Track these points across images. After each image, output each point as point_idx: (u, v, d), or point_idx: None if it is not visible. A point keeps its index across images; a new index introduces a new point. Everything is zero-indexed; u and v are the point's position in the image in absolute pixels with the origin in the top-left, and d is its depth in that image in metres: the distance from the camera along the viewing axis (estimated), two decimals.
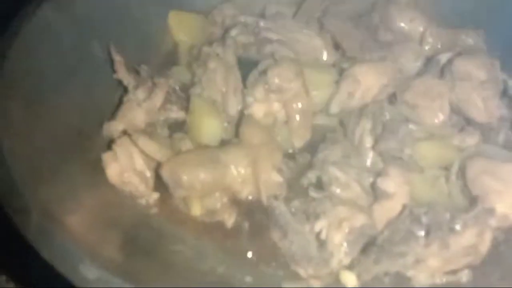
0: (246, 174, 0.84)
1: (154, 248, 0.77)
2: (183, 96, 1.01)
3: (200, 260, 0.78)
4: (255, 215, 0.84)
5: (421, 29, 1.11)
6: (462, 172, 0.85)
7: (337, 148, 0.90)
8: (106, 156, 0.85)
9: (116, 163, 0.84)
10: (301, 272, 0.78)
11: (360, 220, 0.78)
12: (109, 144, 0.88)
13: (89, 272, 0.55)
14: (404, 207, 0.81)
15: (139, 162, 0.84)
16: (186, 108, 0.98)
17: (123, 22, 1.07)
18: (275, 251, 0.80)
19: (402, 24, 1.11)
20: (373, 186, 0.85)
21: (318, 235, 0.79)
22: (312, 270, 0.77)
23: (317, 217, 0.80)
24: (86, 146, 0.88)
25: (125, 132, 0.90)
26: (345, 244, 0.78)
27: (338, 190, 0.83)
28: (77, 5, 0.98)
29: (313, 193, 0.84)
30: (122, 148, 0.85)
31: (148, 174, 0.85)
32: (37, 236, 0.60)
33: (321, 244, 0.79)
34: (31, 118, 0.81)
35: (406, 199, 0.82)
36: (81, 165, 0.84)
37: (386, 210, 0.81)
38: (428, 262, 0.76)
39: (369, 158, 0.88)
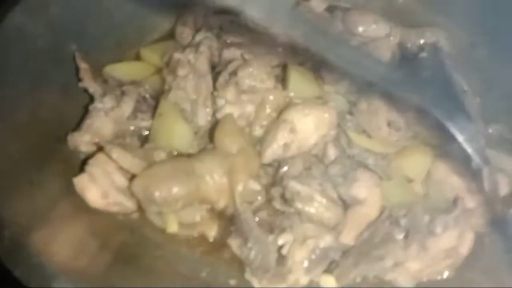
0: (221, 183, 0.84)
1: (139, 255, 0.78)
2: (153, 104, 1.00)
3: (183, 265, 0.79)
4: None
5: (386, 31, 1.14)
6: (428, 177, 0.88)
7: (297, 160, 0.89)
8: (80, 180, 0.81)
9: (95, 185, 0.80)
10: (255, 282, 0.78)
11: (326, 241, 0.79)
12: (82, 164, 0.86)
13: None
14: (383, 209, 0.83)
15: (119, 178, 0.82)
16: None
17: (101, 23, 1.08)
18: None
19: (366, 28, 1.14)
20: (339, 194, 0.86)
21: (279, 248, 0.80)
22: (267, 282, 0.78)
23: (282, 230, 0.80)
24: (66, 154, 0.88)
25: (91, 144, 0.88)
26: (306, 263, 0.78)
27: (301, 205, 0.82)
28: (50, 8, 0.98)
29: (279, 207, 0.84)
30: (97, 167, 0.82)
31: (126, 186, 0.83)
32: (9, 254, 0.60)
33: (281, 258, 0.79)
34: (6, 128, 0.80)
35: (379, 202, 0.83)
36: (60, 174, 0.84)
37: (361, 216, 0.83)
38: (407, 265, 0.78)
39: (333, 169, 0.87)
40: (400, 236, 0.79)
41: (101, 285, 0.60)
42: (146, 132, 0.97)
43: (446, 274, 0.79)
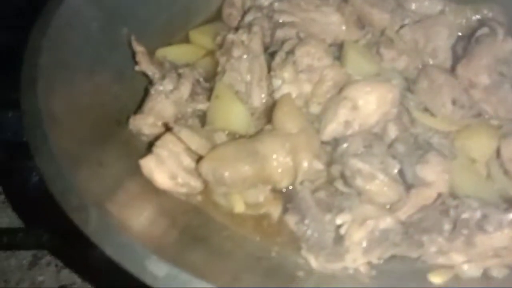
0: (285, 163, 0.83)
1: (207, 236, 0.78)
2: (207, 87, 1.00)
3: (251, 245, 0.79)
4: None
5: (439, 7, 1.11)
6: (497, 155, 0.86)
7: (357, 138, 0.87)
8: (147, 162, 0.81)
9: (162, 167, 0.80)
10: (311, 260, 0.78)
11: (386, 222, 0.77)
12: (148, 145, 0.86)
13: (157, 268, 0.57)
14: (439, 196, 0.81)
15: (186, 159, 0.82)
16: None
17: (150, 5, 1.08)
18: None
19: (419, 4, 1.11)
20: (401, 173, 0.84)
21: (337, 228, 0.79)
22: (323, 260, 0.77)
23: (341, 210, 0.79)
24: (126, 136, 0.89)
25: (154, 126, 0.89)
26: (364, 244, 0.77)
27: (362, 183, 0.81)
28: None
29: (341, 187, 0.84)
30: (164, 149, 0.82)
31: (194, 167, 0.83)
32: (99, 234, 0.61)
33: (339, 238, 0.78)
34: (71, 109, 0.82)
35: (444, 188, 0.82)
36: (124, 156, 0.84)
37: (423, 198, 0.82)
38: (450, 256, 0.76)
39: (398, 147, 0.85)
40: (447, 227, 0.77)
41: (185, 267, 0.59)
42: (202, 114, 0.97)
43: (495, 272, 0.76)
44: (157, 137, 0.87)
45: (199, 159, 0.84)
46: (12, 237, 0.91)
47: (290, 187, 0.87)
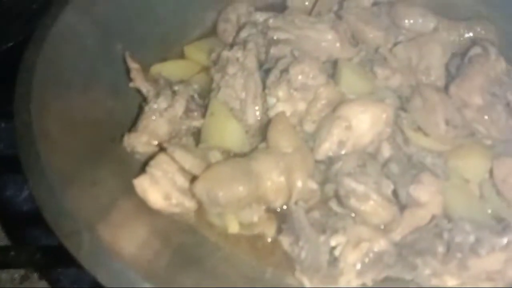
0: (280, 183, 0.83)
1: (201, 257, 0.78)
2: (202, 103, 1.00)
3: (245, 266, 0.79)
4: None
5: (433, 24, 1.12)
6: (490, 175, 0.86)
7: (351, 157, 0.88)
8: (141, 181, 0.81)
9: (156, 187, 0.80)
10: (306, 282, 0.78)
11: (381, 245, 0.78)
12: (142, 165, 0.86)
13: None
14: (433, 217, 0.81)
15: (180, 179, 0.82)
16: None
17: (146, 20, 1.08)
18: None
19: (413, 21, 1.11)
20: (394, 193, 0.85)
21: (332, 250, 0.79)
22: (318, 282, 0.77)
23: (335, 231, 0.80)
24: (120, 153, 0.88)
25: (148, 145, 0.89)
26: (358, 266, 0.77)
27: (356, 204, 0.81)
28: (97, 6, 0.99)
29: (335, 207, 0.84)
30: (158, 168, 0.82)
31: (188, 187, 0.83)
32: (91, 260, 0.60)
33: (333, 259, 0.78)
34: (65, 127, 0.81)
35: (437, 209, 0.82)
36: (117, 174, 0.84)
37: (417, 218, 0.82)
38: (444, 278, 0.76)
39: (392, 168, 0.86)
40: (441, 249, 0.77)
41: None
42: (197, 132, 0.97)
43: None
44: (151, 156, 0.87)
45: (193, 178, 0.83)
46: (4, 255, 0.89)
47: (285, 207, 0.87)
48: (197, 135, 0.97)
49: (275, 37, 1.07)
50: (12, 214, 1.13)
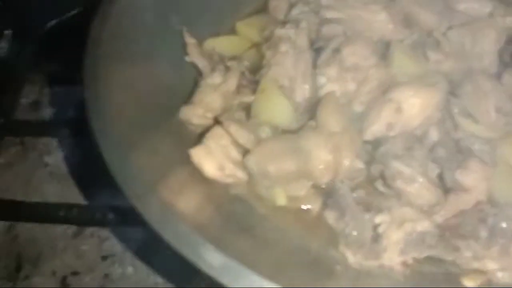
0: (327, 161, 0.86)
1: (251, 226, 0.82)
2: (253, 79, 1.03)
3: (293, 237, 0.83)
4: None
5: (488, 9, 1.10)
6: None
7: (398, 140, 0.89)
8: (197, 151, 0.85)
9: (211, 158, 0.84)
10: (349, 255, 0.80)
11: (425, 225, 0.79)
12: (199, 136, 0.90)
13: (214, 258, 0.61)
14: (477, 203, 0.83)
15: (233, 152, 0.87)
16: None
17: None
18: None
19: (468, 5, 1.10)
20: (440, 177, 0.86)
21: (375, 227, 0.81)
22: (361, 257, 0.79)
23: (380, 211, 0.82)
24: (177, 124, 0.93)
25: (202, 117, 0.93)
26: (401, 244, 0.79)
27: (402, 185, 0.83)
28: None
29: (380, 187, 0.86)
30: (213, 140, 0.86)
31: (240, 159, 0.87)
32: (161, 222, 0.65)
33: (377, 236, 0.80)
34: (129, 99, 0.87)
35: (482, 195, 0.83)
36: (175, 144, 0.89)
37: (461, 203, 0.84)
38: (485, 262, 0.78)
39: (439, 152, 0.87)
40: (484, 234, 0.78)
41: (238, 258, 0.64)
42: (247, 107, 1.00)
43: None
44: (206, 128, 0.92)
45: (245, 152, 0.88)
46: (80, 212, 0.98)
47: (330, 184, 0.90)
48: (247, 109, 1.00)
49: (327, 16, 1.08)
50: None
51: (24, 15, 1.23)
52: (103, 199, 1.11)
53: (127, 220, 0.99)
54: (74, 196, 1.16)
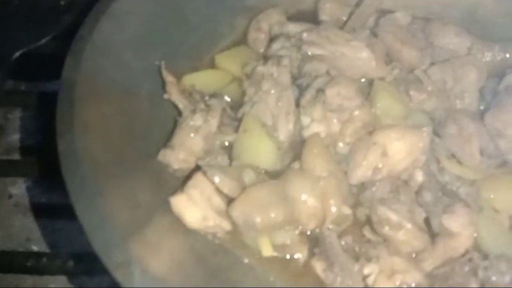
0: (315, 207, 0.84)
1: (238, 280, 0.80)
2: (234, 116, 1.00)
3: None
4: None
5: (468, 44, 1.11)
6: None
7: (384, 183, 0.89)
8: (178, 200, 0.82)
9: (194, 207, 0.82)
10: None
11: (415, 277, 0.79)
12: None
13: None
14: (467, 251, 0.83)
15: (217, 200, 0.83)
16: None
17: (178, 27, 1.08)
18: None
19: (447, 40, 1.11)
20: (426, 221, 0.86)
21: (364, 278, 0.80)
22: None
23: (368, 260, 0.81)
24: (156, 168, 0.89)
25: (183, 161, 0.90)
26: None
27: (390, 232, 0.82)
28: (131, 15, 0.99)
29: (369, 235, 0.85)
30: (196, 189, 0.83)
31: (224, 208, 0.84)
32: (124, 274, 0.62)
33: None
34: (106, 147, 0.82)
35: (469, 241, 0.83)
36: (153, 189, 0.85)
37: (448, 249, 0.84)
38: None
39: (425, 196, 0.86)
40: (475, 286, 0.78)
41: None
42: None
43: None
44: (187, 173, 0.88)
45: (229, 200, 0.85)
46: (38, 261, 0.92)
47: (316, 230, 0.88)
48: (229, 149, 0.97)
49: (309, 52, 1.06)
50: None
51: None
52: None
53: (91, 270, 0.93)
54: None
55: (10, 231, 1.12)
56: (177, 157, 0.90)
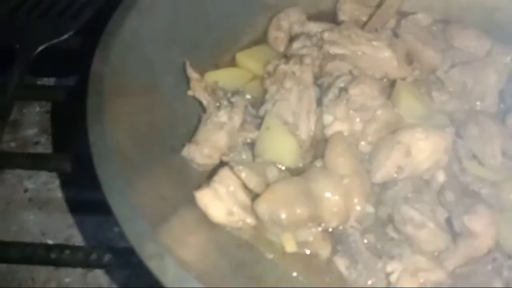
0: (339, 205, 0.85)
1: (261, 275, 0.80)
2: (255, 114, 1.02)
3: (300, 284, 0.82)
4: None
5: (487, 47, 1.12)
6: None
7: (407, 183, 0.89)
8: (204, 195, 0.83)
9: (219, 202, 0.82)
10: None
11: (438, 275, 0.79)
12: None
13: None
14: (490, 251, 0.83)
15: (242, 196, 0.84)
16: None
17: (199, 23, 1.09)
18: None
19: (467, 43, 1.12)
20: (448, 221, 0.86)
21: (387, 275, 0.81)
22: None
23: (391, 257, 0.82)
24: (180, 163, 0.90)
25: (207, 157, 0.91)
26: None
27: (413, 231, 0.83)
28: (157, 10, 1.00)
29: (391, 233, 0.86)
30: (222, 184, 0.84)
31: (249, 203, 0.85)
32: (161, 270, 0.63)
33: (390, 285, 0.80)
34: (133, 140, 0.83)
35: (491, 241, 0.84)
36: (178, 184, 0.86)
37: (470, 249, 0.84)
38: None
39: (448, 196, 0.87)
40: (499, 286, 0.78)
41: None
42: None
43: None
44: (211, 168, 0.89)
45: (253, 195, 0.86)
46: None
47: (339, 227, 0.89)
48: (251, 146, 0.98)
49: (331, 52, 1.07)
50: None
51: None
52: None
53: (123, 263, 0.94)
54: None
55: (24, 226, 1.13)
56: (201, 152, 0.91)
